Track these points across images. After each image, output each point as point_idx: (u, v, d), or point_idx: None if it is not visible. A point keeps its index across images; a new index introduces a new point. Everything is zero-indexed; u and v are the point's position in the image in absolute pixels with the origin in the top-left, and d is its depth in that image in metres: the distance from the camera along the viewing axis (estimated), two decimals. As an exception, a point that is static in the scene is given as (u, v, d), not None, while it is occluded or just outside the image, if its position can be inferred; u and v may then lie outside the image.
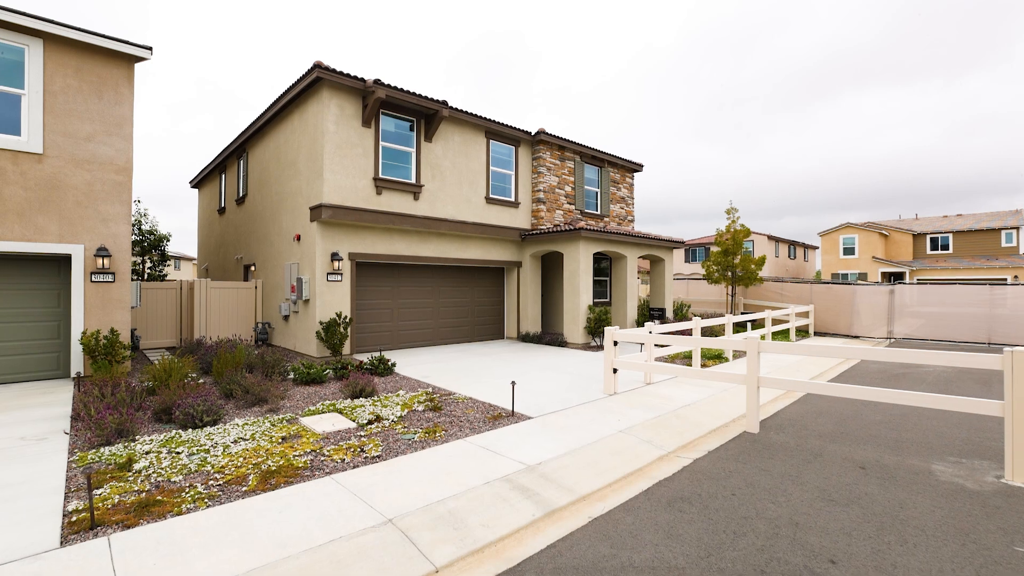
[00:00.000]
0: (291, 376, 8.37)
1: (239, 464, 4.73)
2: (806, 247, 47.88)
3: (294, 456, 4.96)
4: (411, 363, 10.37)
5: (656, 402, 7.32)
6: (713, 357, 11.04)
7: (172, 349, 12.35)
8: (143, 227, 19.42)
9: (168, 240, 20.11)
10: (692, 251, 47.97)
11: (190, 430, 5.73)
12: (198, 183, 19.97)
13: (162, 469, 4.59)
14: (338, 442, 5.43)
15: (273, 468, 4.64)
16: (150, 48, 9.15)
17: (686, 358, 10.89)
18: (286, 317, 11.88)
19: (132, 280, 9.60)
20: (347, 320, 10.46)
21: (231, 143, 15.12)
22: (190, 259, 45.93)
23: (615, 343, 7.81)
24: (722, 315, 18.71)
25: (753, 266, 17.12)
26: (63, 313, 8.69)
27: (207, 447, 5.18)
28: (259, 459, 4.86)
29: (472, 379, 8.89)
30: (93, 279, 8.67)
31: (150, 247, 19.53)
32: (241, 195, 14.99)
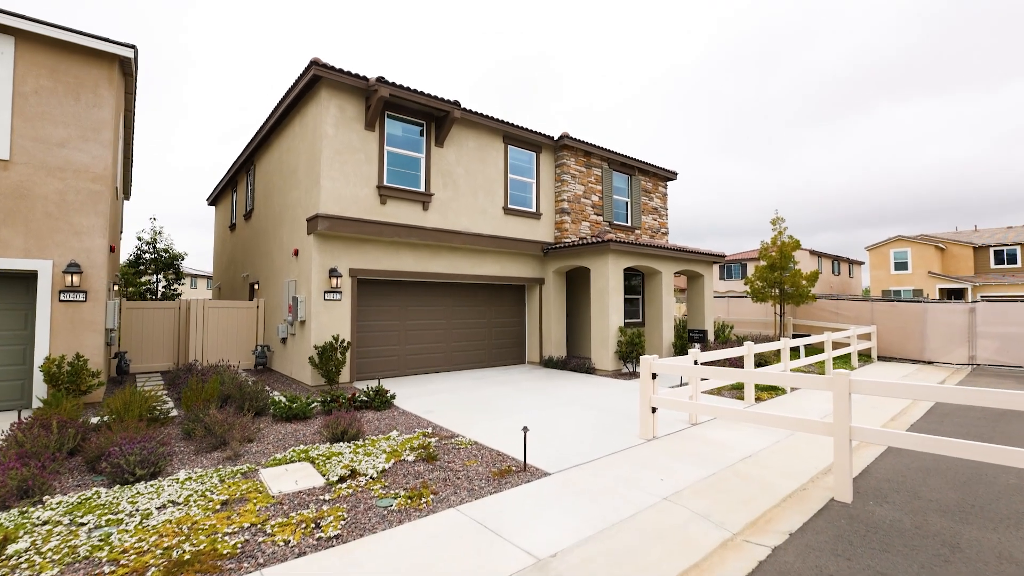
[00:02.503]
0: (271, 411, 7.22)
1: (148, 547, 3.51)
2: (851, 262, 44.91)
3: (225, 534, 3.71)
4: (416, 394, 9.11)
5: (707, 451, 5.81)
6: (767, 388, 9.39)
7: (166, 373, 11.48)
8: (158, 245, 19.06)
9: (183, 258, 19.70)
10: (727, 268, 45.69)
11: (117, 487, 4.58)
12: (214, 200, 19.55)
13: (41, 554, 3.41)
14: (292, 510, 4.16)
15: (187, 556, 3.39)
16: (133, 47, 8.42)
17: (735, 388, 9.29)
18: (284, 340, 10.85)
19: (111, 299, 8.76)
20: (345, 344, 9.31)
21: (240, 155, 14.48)
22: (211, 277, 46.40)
23: (653, 375, 6.36)
24: (769, 337, 16.86)
25: (804, 282, 15.31)
26: (29, 336, 7.82)
27: (122, 515, 3.99)
28: (178, 538, 3.63)
29: (482, 415, 7.55)
30: (62, 298, 7.79)
31: (165, 265, 19.12)
32: (248, 209, 14.26)
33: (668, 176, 16.35)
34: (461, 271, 11.52)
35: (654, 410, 6.34)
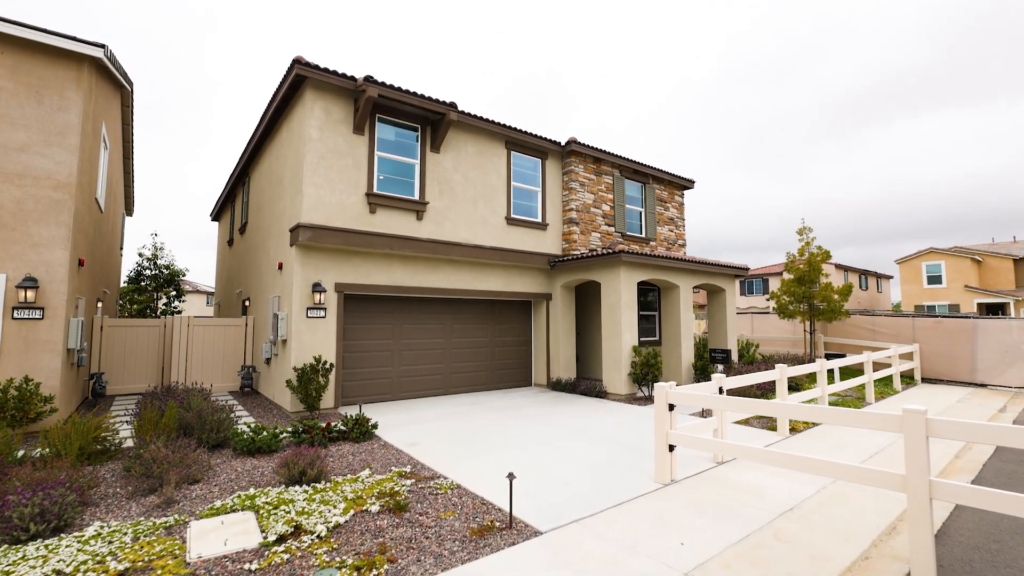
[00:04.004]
0: (233, 443, 6.35)
1: (-13, 648, 2.63)
2: (879, 276, 42.96)
3: (98, 628, 2.81)
4: (403, 422, 8.18)
5: (737, 501, 4.74)
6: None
7: (148, 395, 10.75)
8: (158, 261, 18.66)
9: (184, 274, 19.27)
10: (748, 284, 44.18)
11: (5, 546, 3.73)
12: (216, 215, 19.15)
13: None
14: (203, 587, 3.25)
15: (29, 667, 2.49)
16: (103, 46, 7.87)
17: (763, 416, 8.15)
18: (268, 360, 10.06)
19: (77, 316, 8.08)
20: (327, 366, 8.45)
21: (235, 167, 13.97)
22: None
23: (671, 406, 5.33)
24: (798, 356, 15.56)
25: (836, 296, 14.07)
26: (-21, 358, 7.14)
27: (-15, 594, 3.12)
28: (35, 633, 2.73)
29: (473, 449, 6.58)
30: (15, 315, 7.12)
31: (165, 282, 18.70)
32: (243, 223, 13.69)
33: (685, 184, 15.38)
34: (460, 286, 10.64)
35: (672, 448, 5.31)
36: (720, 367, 11.51)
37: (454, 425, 7.94)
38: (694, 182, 15.51)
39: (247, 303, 12.66)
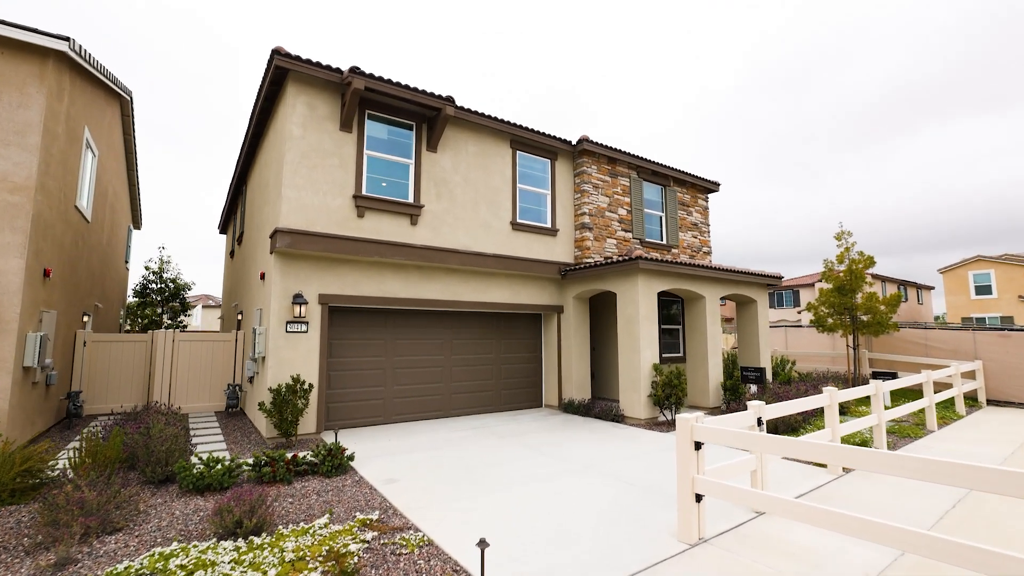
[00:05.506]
0: (180, 478, 5.47)
1: None
2: (919, 287, 40.48)
3: None
4: (389, 451, 7.20)
5: (789, 573, 3.59)
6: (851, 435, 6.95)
7: (130, 415, 10.07)
8: (164, 275, 18.32)
9: (190, 288, 18.89)
10: (777, 296, 42.26)
11: None
12: (223, 226, 18.77)
13: None
14: None
15: None
16: (67, 39, 7.30)
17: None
18: (251, 379, 9.26)
19: (37, 331, 7.41)
20: (306, 387, 7.56)
21: (233, 175, 13.44)
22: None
23: (697, 445, 4.22)
24: (840, 374, 14.07)
25: (883, 307, 12.62)
26: (-80, 377, 6.48)
27: None
28: None
29: (461, 488, 5.55)
30: (-41, 331, 6.45)
31: (171, 296, 18.33)
32: (239, 233, 13.10)
33: (709, 187, 14.23)
34: (460, 297, 9.70)
35: (699, 498, 4.18)
36: (753, 387, 10.24)
37: (445, 456, 6.92)
38: (719, 184, 14.34)
39: (240, 316, 11.98)
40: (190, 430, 8.56)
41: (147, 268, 18.21)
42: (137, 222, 18.53)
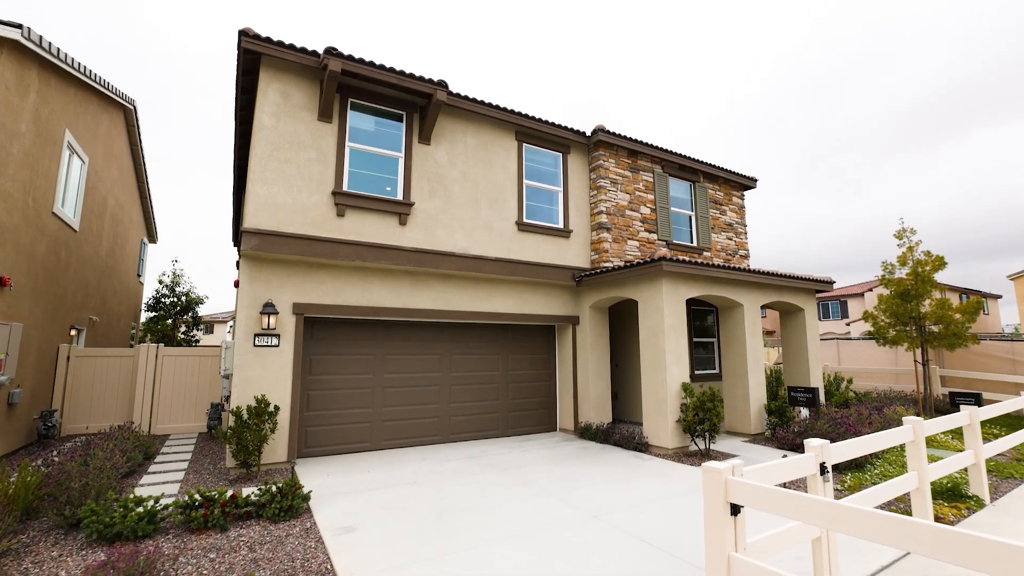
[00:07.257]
0: (85, 523, 4.51)
1: None
2: (983, 296, 36.91)
3: None
4: (360, 487, 6.10)
5: None
6: (934, 456, 5.41)
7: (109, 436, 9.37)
8: (176, 289, 18.03)
9: (202, 302, 18.55)
10: (823, 307, 39.52)
11: None
12: (234, 238, 18.39)
13: None
14: None
15: None
16: (19, 26, 6.71)
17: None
18: (227, 398, 8.38)
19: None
20: (271, 409, 6.57)
21: (233, 183, 12.88)
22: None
23: (734, 508, 2.92)
24: (905, 393, 12.19)
25: (959, 316, 10.78)
26: None
27: None
28: None
29: (430, 544, 4.37)
30: None
31: (183, 310, 18.00)
32: (239, 242, 12.44)
33: (745, 184, 12.76)
34: (457, 306, 8.60)
35: (739, 586, 2.87)
36: (804, 411, 8.68)
37: (424, 496, 5.76)
38: (756, 180, 12.85)
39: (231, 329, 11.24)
40: (156, 456, 7.71)
41: (160, 282, 17.96)
42: (152, 236, 18.39)
